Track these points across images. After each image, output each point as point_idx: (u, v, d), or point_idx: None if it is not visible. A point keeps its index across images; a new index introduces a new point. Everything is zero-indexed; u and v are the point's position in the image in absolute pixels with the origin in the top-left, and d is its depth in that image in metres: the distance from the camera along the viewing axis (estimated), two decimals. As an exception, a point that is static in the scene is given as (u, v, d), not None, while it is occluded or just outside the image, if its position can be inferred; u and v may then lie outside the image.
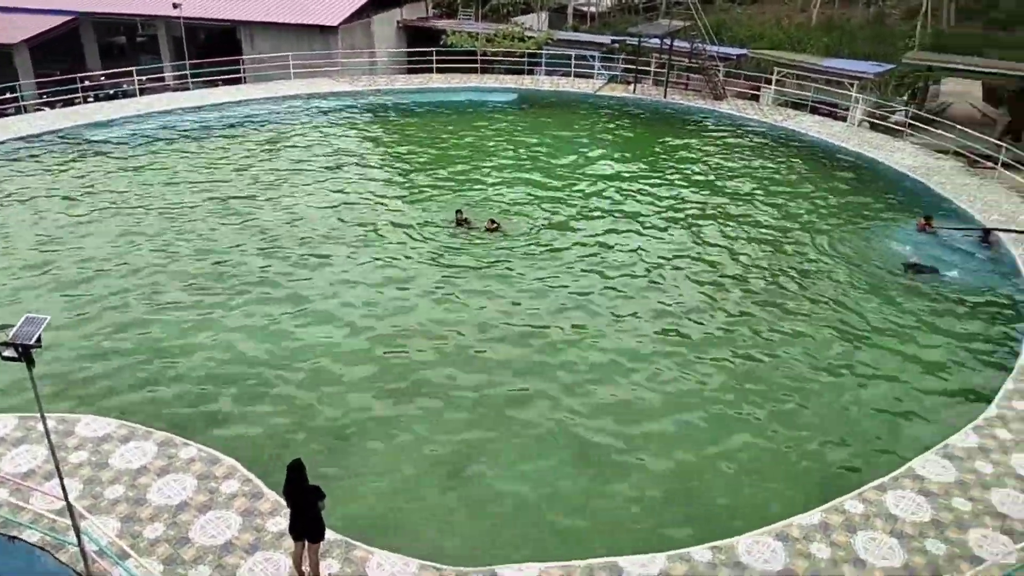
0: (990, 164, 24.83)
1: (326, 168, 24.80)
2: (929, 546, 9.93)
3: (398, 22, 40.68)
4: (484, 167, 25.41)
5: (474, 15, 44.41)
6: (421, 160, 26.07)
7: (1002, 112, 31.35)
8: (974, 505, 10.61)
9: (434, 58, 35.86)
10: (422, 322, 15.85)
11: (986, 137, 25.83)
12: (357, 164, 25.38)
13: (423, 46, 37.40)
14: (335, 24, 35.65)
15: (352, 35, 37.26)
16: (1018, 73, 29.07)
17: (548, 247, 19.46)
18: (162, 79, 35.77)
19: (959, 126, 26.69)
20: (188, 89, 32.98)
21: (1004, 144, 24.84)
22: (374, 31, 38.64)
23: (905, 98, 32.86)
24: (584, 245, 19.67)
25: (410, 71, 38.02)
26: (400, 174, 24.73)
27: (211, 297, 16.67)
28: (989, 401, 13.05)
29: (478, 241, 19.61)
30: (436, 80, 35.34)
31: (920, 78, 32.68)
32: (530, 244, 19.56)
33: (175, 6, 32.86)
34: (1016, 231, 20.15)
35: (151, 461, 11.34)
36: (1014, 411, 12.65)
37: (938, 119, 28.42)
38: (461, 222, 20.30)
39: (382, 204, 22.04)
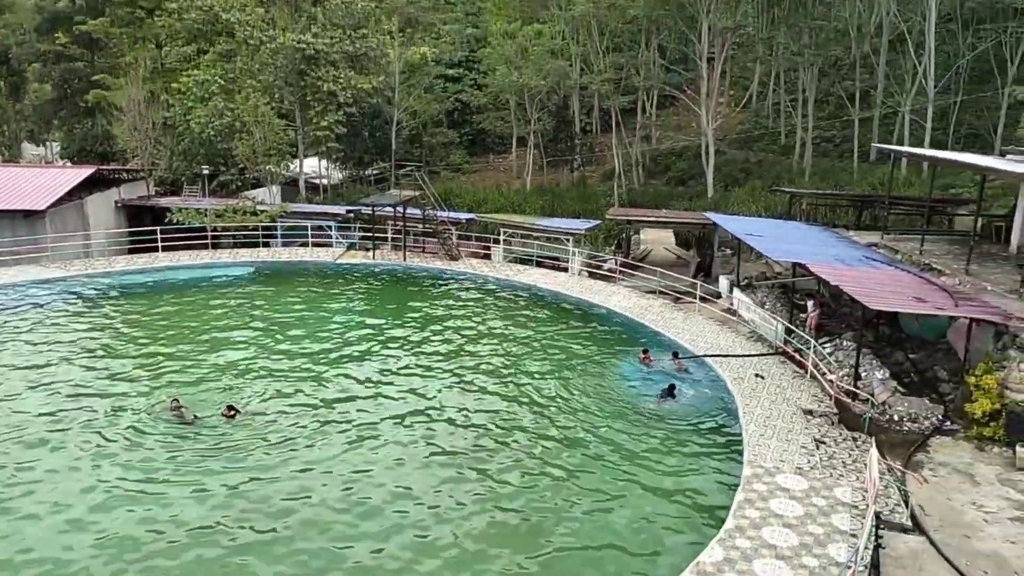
0: (690, 299, 28.45)
1: (35, 365, 22.05)
2: (700, 668, 10.31)
3: (116, 202, 38.67)
4: (220, 347, 24.08)
5: (201, 191, 43.58)
6: (146, 346, 24.12)
7: (692, 254, 36.48)
8: (731, 617, 11.29)
9: (158, 236, 34.27)
10: (145, 526, 14.12)
11: (682, 277, 29.73)
12: (72, 356, 22.89)
13: (147, 224, 35.68)
14: (42, 208, 32.98)
15: (63, 218, 34.67)
16: (697, 221, 34.23)
17: (293, 425, 18.52)
18: None
19: (660, 269, 30.49)
20: None
21: (698, 282, 28.72)
22: (88, 213, 36.30)
23: (613, 248, 37.06)
24: (327, 419, 18.99)
25: (132, 251, 35.87)
26: (120, 363, 22.54)
27: None
28: (726, 515, 14.23)
29: (212, 431, 18.15)
30: (162, 259, 33.68)
31: (623, 230, 37.20)
32: (272, 427, 18.41)
33: None
34: (713, 356, 23.01)
35: None
36: (748, 519, 13.90)
37: (642, 264, 32.31)
38: (182, 412, 18.60)
39: (99, 399, 19.82)
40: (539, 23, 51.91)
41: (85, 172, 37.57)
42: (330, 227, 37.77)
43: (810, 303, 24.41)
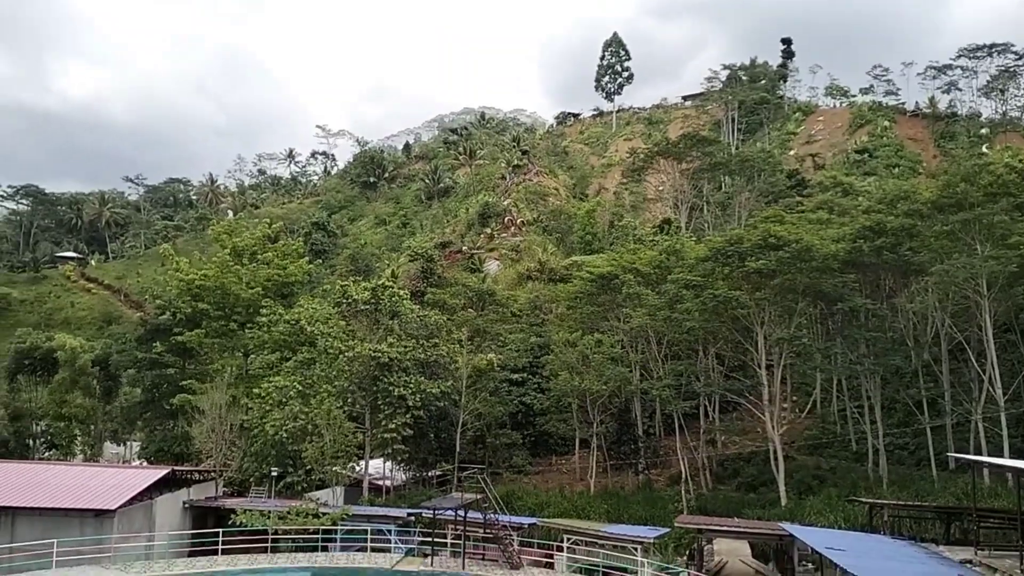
0: (773, 620, 26.13)
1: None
2: None
3: (184, 502, 39.15)
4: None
5: (267, 492, 43.96)
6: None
7: (771, 568, 34.16)
8: None
9: (220, 539, 34.10)
10: None
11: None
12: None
13: (211, 526, 35.74)
14: (113, 508, 33.59)
15: (131, 518, 35.06)
16: (773, 532, 32.53)
17: None
18: None
19: (737, 584, 28.50)
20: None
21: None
22: (156, 513, 36.69)
23: (685, 559, 35.04)
24: None
25: (193, 553, 35.54)
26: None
27: None
28: None
29: None
30: (221, 562, 33.16)
31: (694, 539, 35.43)
32: None
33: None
34: None
35: None
36: None
37: (718, 578, 30.29)
38: None
39: None
40: (599, 333, 54.57)
41: (159, 473, 38.59)
42: (390, 531, 37.07)
43: None
